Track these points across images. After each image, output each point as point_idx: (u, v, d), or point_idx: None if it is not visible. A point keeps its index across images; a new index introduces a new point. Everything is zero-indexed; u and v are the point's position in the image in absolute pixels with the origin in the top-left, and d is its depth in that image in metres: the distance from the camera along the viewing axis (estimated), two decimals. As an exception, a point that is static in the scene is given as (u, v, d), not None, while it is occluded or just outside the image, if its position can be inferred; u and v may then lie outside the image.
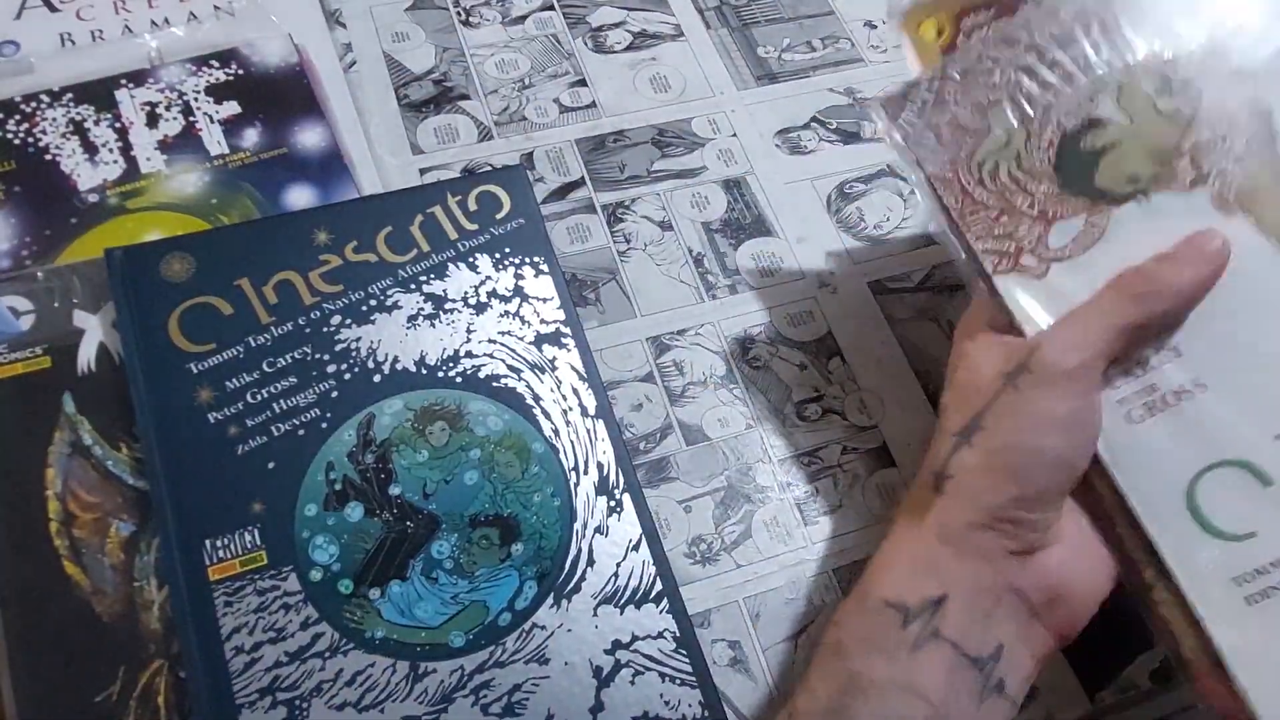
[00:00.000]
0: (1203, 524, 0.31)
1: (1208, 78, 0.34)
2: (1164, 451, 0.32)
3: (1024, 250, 0.35)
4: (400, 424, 0.40)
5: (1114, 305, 0.32)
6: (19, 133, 0.46)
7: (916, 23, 0.39)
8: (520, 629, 0.37)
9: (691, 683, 0.37)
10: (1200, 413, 0.32)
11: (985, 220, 0.36)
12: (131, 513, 0.38)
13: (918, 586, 0.31)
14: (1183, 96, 0.34)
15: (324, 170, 0.48)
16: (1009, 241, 0.35)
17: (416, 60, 0.54)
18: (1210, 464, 0.32)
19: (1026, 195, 0.35)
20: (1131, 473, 0.32)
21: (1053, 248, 0.35)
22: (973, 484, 0.32)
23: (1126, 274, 0.33)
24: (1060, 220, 0.35)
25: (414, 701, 0.35)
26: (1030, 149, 0.36)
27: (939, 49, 0.38)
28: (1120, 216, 0.34)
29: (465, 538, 0.38)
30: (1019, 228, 0.35)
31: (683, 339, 0.47)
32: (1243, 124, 0.33)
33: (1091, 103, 0.35)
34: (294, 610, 0.36)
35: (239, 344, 0.40)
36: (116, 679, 0.35)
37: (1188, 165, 0.34)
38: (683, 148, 0.53)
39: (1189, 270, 0.32)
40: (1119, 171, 0.34)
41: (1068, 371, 0.32)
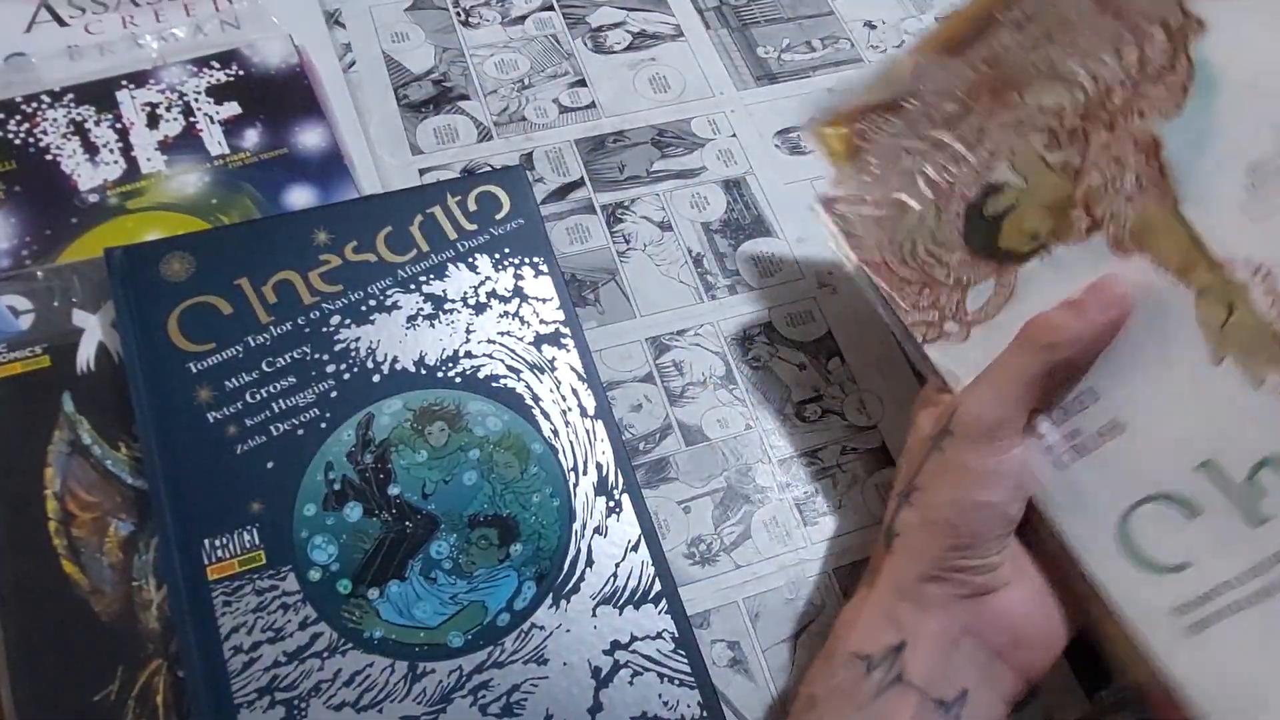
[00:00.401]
0: (1138, 559, 0.32)
1: (1092, 121, 0.35)
2: (1094, 492, 0.33)
3: (946, 318, 0.37)
4: (399, 424, 0.40)
5: (1022, 358, 0.34)
6: (20, 133, 0.46)
7: (822, 133, 0.42)
8: (519, 629, 0.37)
9: (690, 683, 0.37)
10: (1123, 451, 0.33)
11: (911, 295, 0.38)
12: (130, 512, 0.38)
13: (878, 637, 0.33)
14: (1071, 147, 0.35)
15: (324, 170, 0.48)
16: (933, 311, 0.37)
17: (416, 60, 0.54)
18: (1138, 499, 0.32)
19: (943, 266, 0.37)
20: (1067, 516, 0.34)
21: (970, 311, 0.37)
22: (915, 540, 0.34)
23: (1032, 323, 0.34)
24: (974, 285, 0.37)
25: (412, 702, 0.35)
26: (941, 223, 0.38)
27: (845, 154, 0.41)
28: (1026, 274, 0.36)
29: (464, 538, 0.38)
30: (940, 297, 0.37)
31: (682, 339, 0.47)
32: (1130, 161, 0.34)
33: (989, 170, 0.37)
34: (292, 610, 0.36)
35: (238, 344, 0.40)
36: (115, 678, 0.35)
37: (1082, 214, 0.35)
38: (682, 148, 0.53)
39: (1092, 316, 0.33)
40: (1020, 231, 0.36)
41: (985, 431, 0.33)
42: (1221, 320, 0.32)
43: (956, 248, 0.37)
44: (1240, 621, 0.30)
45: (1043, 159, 0.36)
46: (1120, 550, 0.32)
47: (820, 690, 0.33)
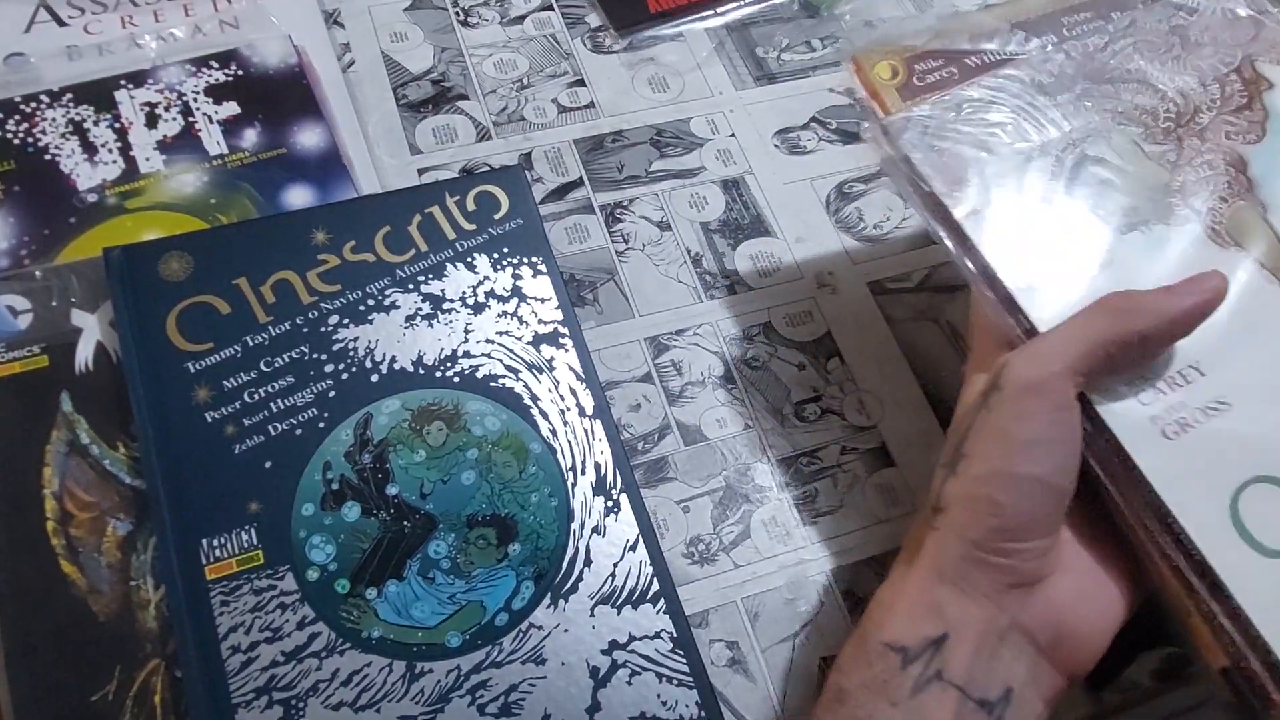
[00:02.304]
0: (1250, 540, 0.31)
1: (1185, 128, 0.38)
2: (1203, 467, 0.32)
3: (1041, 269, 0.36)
4: (398, 424, 0.40)
5: (1090, 320, 0.32)
6: (19, 132, 0.46)
7: (871, 64, 0.42)
8: (517, 629, 0.37)
9: (689, 683, 0.37)
10: (1229, 430, 0.33)
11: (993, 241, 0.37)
12: (128, 512, 0.38)
13: (916, 627, 0.30)
14: (1166, 144, 0.38)
15: (323, 170, 0.48)
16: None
17: (415, 60, 0.54)
18: (1247, 479, 0.32)
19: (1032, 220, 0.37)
20: (1176, 489, 0.32)
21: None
22: (959, 516, 0.31)
23: (1110, 295, 0.33)
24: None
25: (410, 701, 0.35)
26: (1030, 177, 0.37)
27: (895, 88, 0.41)
28: (1127, 243, 0.36)
29: (462, 538, 0.38)
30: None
31: (681, 339, 0.47)
32: (1221, 168, 0.37)
33: (1086, 143, 0.38)
34: (290, 610, 0.36)
35: (237, 343, 0.40)
36: (113, 678, 0.35)
37: (1180, 202, 0.36)
38: (681, 148, 0.53)
39: (1180, 297, 0.32)
40: (1118, 205, 0.37)
41: (1033, 385, 0.31)
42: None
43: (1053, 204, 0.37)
44: None
45: (1139, 147, 0.37)
46: (1233, 530, 0.31)
47: (850, 683, 0.31)
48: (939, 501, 0.32)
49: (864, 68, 0.41)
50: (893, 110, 0.40)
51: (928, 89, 0.40)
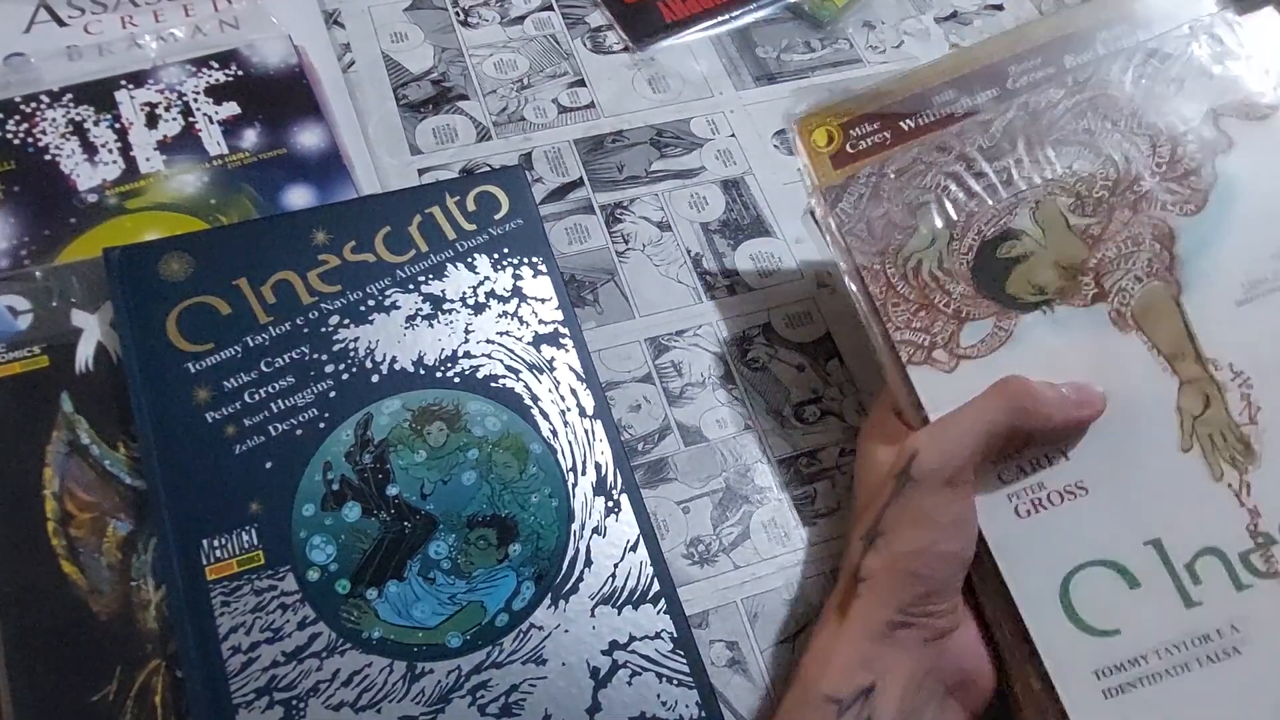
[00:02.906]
0: (1073, 617, 0.34)
1: (1118, 197, 0.37)
2: (1045, 546, 0.34)
3: (937, 345, 0.37)
4: (398, 424, 0.40)
5: (988, 410, 0.34)
6: (19, 133, 0.46)
7: (809, 130, 0.41)
8: (518, 629, 0.37)
9: (689, 683, 0.37)
10: (1081, 513, 0.34)
11: (905, 313, 0.38)
12: (129, 512, 0.38)
13: (850, 679, 0.33)
14: (1094, 216, 0.37)
15: (323, 170, 0.48)
16: (925, 335, 0.37)
17: (415, 60, 0.54)
18: (1085, 562, 0.34)
19: (944, 294, 0.37)
20: (1014, 563, 0.34)
21: (963, 345, 0.37)
22: (883, 585, 0.34)
23: (1012, 381, 0.35)
24: (972, 321, 0.37)
25: (411, 702, 0.35)
26: (952, 251, 0.38)
27: (828, 156, 0.41)
28: (1026, 323, 0.36)
29: (463, 538, 0.38)
30: (934, 323, 0.37)
31: (681, 340, 0.47)
32: (1146, 244, 0.36)
33: (1011, 215, 0.38)
34: (291, 610, 0.36)
35: (237, 344, 0.40)
36: (113, 678, 0.35)
37: (1091, 281, 0.36)
38: (681, 148, 0.53)
39: (1068, 407, 0.35)
40: (1028, 281, 0.37)
41: (945, 479, 0.34)
42: (1197, 412, 0.34)
43: (962, 279, 0.37)
44: (1152, 694, 0.33)
45: (1065, 219, 0.37)
46: (1059, 606, 0.34)
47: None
48: (861, 573, 0.35)
49: (803, 133, 0.41)
50: (822, 180, 0.40)
51: (861, 155, 0.40)
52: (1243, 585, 0.33)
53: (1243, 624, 0.33)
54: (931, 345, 0.37)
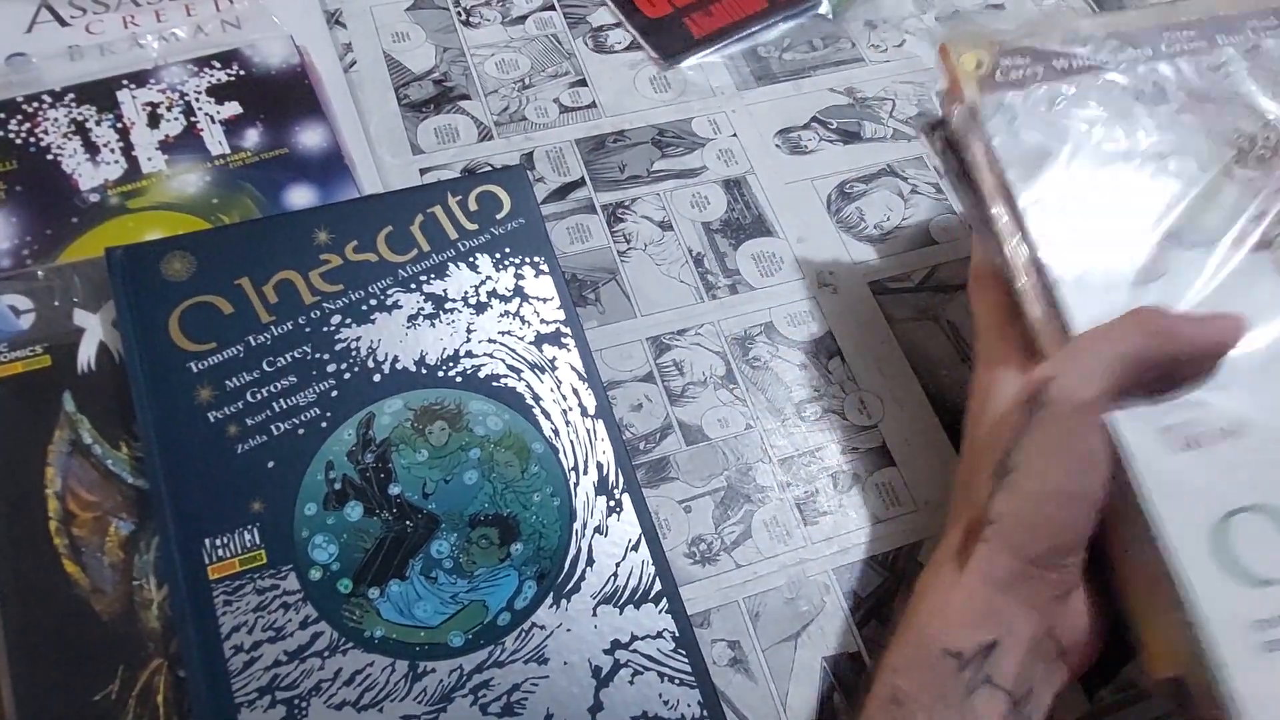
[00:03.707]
0: (1228, 564, 0.31)
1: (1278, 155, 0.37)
2: (1200, 485, 0.32)
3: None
4: (400, 423, 0.40)
5: (1126, 337, 0.32)
6: (21, 132, 0.47)
7: (959, 53, 0.40)
8: (519, 629, 0.37)
9: (691, 683, 0.37)
10: (1241, 453, 0.32)
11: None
12: (131, 511, 0.38)
13: (973, 633, 0.31)
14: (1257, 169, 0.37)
15: (324, 170, 0.48)
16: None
17: (417, 60, 0.54)
18: (1244, 505, 0.32)
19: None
20: (1165, 502, 0.32)
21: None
22: (1013, 530, 0.31)
23: (1145, 309, 0.33)
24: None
25: (413, 701, 0.35)
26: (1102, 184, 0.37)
27: (976, 80, 0.40)
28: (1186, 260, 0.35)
29: (464, 537, 0.38)
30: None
31: (683, 339, 0.47)
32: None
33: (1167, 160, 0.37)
34: (293, 609, 0.36)
35: (239, 343, 0.40)
36: (115, 678, 0.35)
37: (1255, 229, 0.36)
38: (683, 148, 0.53)
39: (1207, 330, 0.33)
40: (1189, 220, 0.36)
41: (1083, 405, 0.31)
42: None
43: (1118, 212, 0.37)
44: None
45: (1228, 168, 0.37)
46: (1211, 550, 0.31)
47: (909, 686, 0.31)
48: (990, 515, 0.32)
49: (950, 55, 0.40)
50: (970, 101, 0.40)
51: (1010, 85, 0.39)
52: None
53: None
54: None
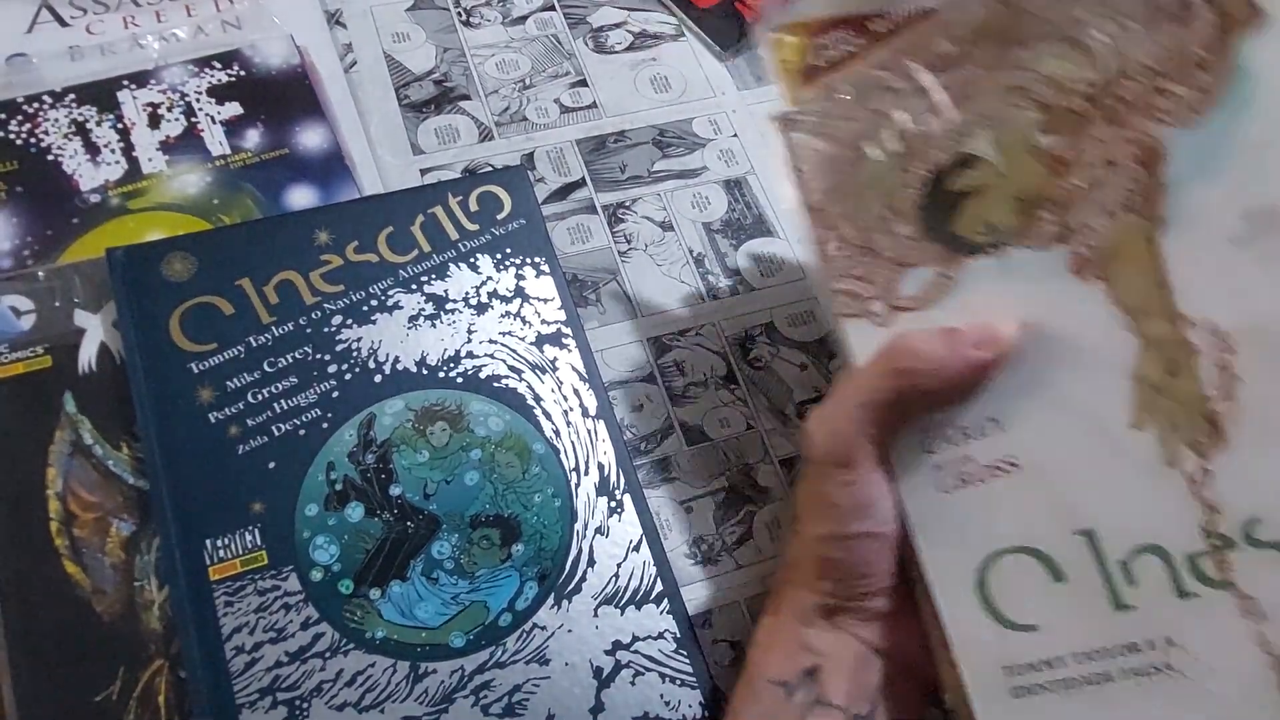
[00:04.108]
0: (988, 606, 0.30)
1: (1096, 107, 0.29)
2: (967, 526, 0.30)
3: (875, 296, 0.32)
4: (401, 424, 0.40)
5: (874, 379, 0.31)
6: (21, 133, 0.46)
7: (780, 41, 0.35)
8: (521, 629, 0.37)
9: (692, 683, 0.37)
10: (1009, 492, 0.30)
11: (845, 259, 0.33)
12: (132, 512, 0.38)
13: (793, 663, 0.32)
14: (1065, 134, 0.29)
15: (325, 171, 0.48)
16: (864, 284, 0.32)
17: (417, 60, 0.54)
18: (1007, 547, 0.30)
19: (889, 236, 0.32)
20: (932, 543, 0.31)
21: (902, 296, 0.32)
22: (807, 571, 0.33)
23: (893, 343, 0.31)
24: (914, 267, 0.32)
25: (414, 702, 0.35)
26: (901, 184, 0.32)
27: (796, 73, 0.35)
28: (974, 269, 0.30)
29: (466, 538, 0.38)
30: (875, 271, 0.32)
31: (683, 339, 0.47)
32: (1125, 168, 0.28)
33: (968, 136, 0.31)
34: (294, 610, 0.36)
35: (240, 344, 0.40)
36: (116, 678, 0.35)
37: (1053, 217, 0.29)
38: (683, 148, 0.53)
39: (962, 351, 0.30)
40: (979, 219, 0.31)
41: (836, 459, 0.31)
42: (1158, 382, 0.28)
43: (908, 219, 0.32)
44: (1065, 701, 0.28)
45: (1029, 141, 0.30)
46: (974, 591, 0.30)
47: (746, 717, 0.33)
48: (787, 558, 0.34)
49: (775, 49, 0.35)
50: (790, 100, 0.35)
51: (830, 68, 0.34)
52: (1186, 593, 0.27)
53: (1181, 637, 0.27)
54: (870, 296, 0.32)
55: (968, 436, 0.30)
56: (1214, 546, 0.27)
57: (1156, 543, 0.27)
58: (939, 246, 0.31)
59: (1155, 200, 0.28)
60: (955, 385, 0.30)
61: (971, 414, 0.30)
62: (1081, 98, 0.29)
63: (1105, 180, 0.29)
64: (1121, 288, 0.28)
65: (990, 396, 0.30)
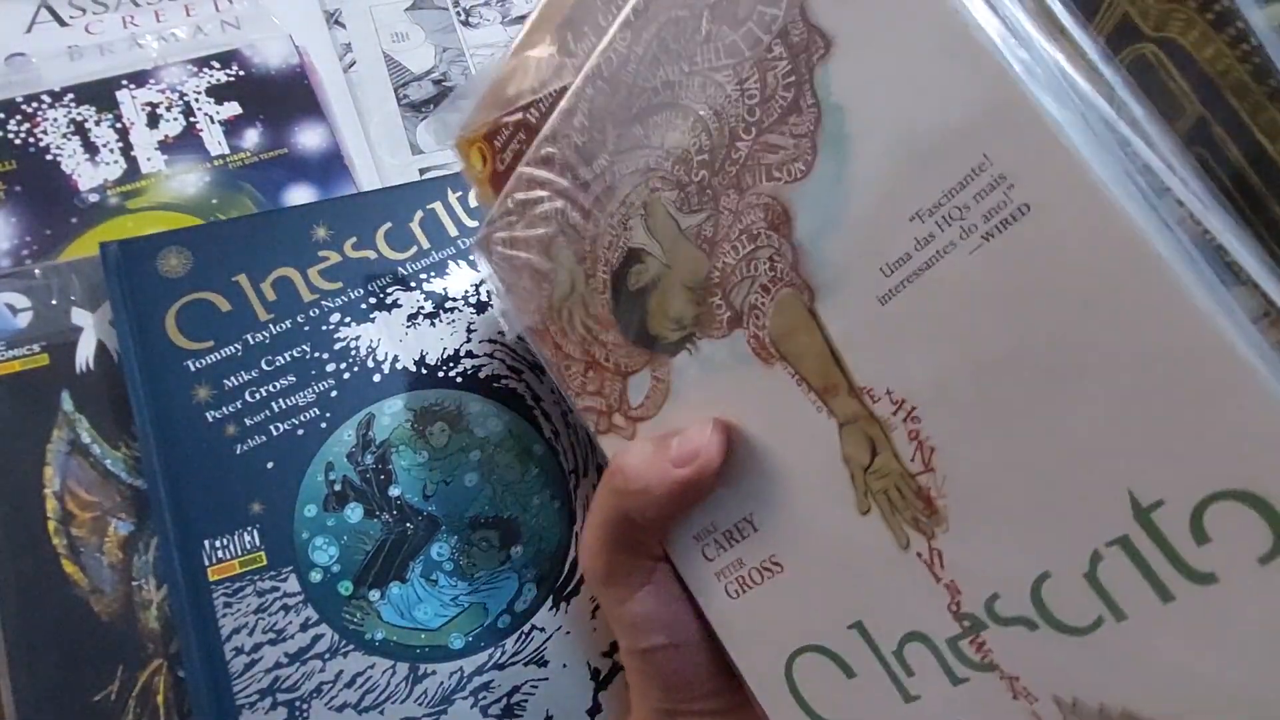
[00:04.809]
0: (803, 705, 0.28)
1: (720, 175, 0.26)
2: (762, 627, 0.29)
3: (614, 409, 0.30)
4: (400, 424, 0.40)
5: (601, 499, 0.30)
6: (20, 133, 0.46)
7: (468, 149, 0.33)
8: (519, 631, 0.37)
9: (693, 684, 0.37)
10: (783, 592, 0.28)
11: (578, 375, 0.31)
12: (130, 512, 0.38)
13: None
14: (701, 210, 0.27)
15: (324, 170, 0.48)
16: (600, 399, 0.31)
17: (416, 60, 0.54)
18: (800, 647, 0.28)
19: (600, 346, 0.30)
20: (738, 646, 0.29)
21: (633, 406, 0.30)
22: (635, 686, 0.31)
23: (612, 461, 0.30)
24: (633, 375, 0.30)
25: (414, 703, 0.35)
26: (591, 291, 0.30)
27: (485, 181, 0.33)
28: (678, 368, 0.28)
29: (465, 540, 0.38)
30: (604, 384, 0.31)
31: (684, 339, 0.46)
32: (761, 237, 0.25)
33: (627, 229, 0.28)
34: (294, 611, 0.36)
35: (237, 341, 0.40)
36: (115, 678, 0.35)
37: (722, 301, 0.27)
38: (684, 148, 0.53)
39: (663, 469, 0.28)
40: (665, 315, 0.28)
41: (601, 579, 0.30)
42: (865, 463, 0.25)
43: (610, 325, 0.30)
44: None
45: (677, 223, 0.27)
46: (789, 691, 0.28)
47: None
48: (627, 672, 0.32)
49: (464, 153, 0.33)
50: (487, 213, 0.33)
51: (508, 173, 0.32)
52: (958, 679, 0.25)
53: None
54: (610, 409, 0.30)
55: (733, 540, 0.29)
56: (965, 628, 0.25)
57: (918, 629, 0.26)
58: (645, 350, 0.29)
59: (798, 266, 0.25)
60: (668, 503, 0.28)
61: (730, 516, 0.28)
62: (704, 169, 0.26)
63: (749, 255, 0.26)
64: (803, 367, 0.26)
65: (737, 496, 0.28)
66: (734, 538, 0.28)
